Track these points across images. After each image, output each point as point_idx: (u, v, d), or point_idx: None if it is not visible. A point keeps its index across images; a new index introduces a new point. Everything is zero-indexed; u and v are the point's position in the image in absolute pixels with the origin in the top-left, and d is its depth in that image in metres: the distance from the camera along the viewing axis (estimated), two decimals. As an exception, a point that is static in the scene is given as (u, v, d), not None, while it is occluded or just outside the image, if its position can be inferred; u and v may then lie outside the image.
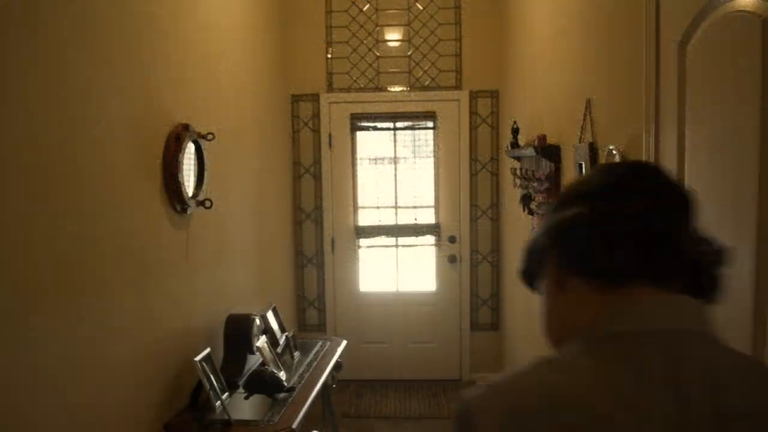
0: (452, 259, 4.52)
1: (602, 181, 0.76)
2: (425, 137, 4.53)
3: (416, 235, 4.57)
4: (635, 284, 0.70)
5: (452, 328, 4.62)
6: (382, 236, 4.61)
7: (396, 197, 4.57)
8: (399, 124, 4.50)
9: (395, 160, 4.53)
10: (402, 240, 4.62)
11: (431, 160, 4.52)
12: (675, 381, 0.65)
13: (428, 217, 4.57)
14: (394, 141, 4.51)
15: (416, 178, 4.56)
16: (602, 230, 0.71)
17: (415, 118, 4.48)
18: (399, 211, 4.59)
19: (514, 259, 3.94)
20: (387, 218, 4.60)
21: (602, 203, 0.72)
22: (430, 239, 4.56)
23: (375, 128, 4.55)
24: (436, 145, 4.49)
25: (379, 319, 4.66)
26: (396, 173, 4.54)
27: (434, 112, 4.44)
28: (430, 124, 4.48)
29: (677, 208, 0.73)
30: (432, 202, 4.54)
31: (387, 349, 4.68)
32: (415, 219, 4.55)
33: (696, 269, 0.71)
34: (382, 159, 4.58)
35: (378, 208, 4.61)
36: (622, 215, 0.70)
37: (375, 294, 4.67)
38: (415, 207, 4.57)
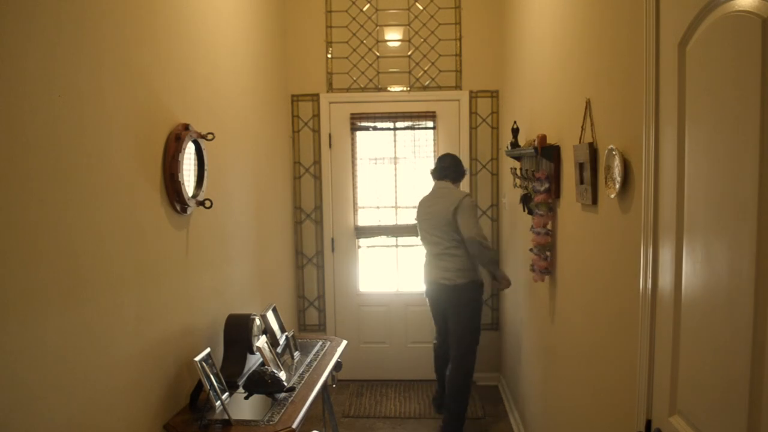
0: None
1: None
2: (425, 137, 4.53)
3: (416, 235, 4.56)
4: (438, 180, 3.75)
5: None
6: (382, 236, 4.61)
7: (396, 197, 4.58)
8: (399, 124, 4.50)
9: (395, 160, 4.54)
10: (402, 240, 4.63)
11: (431, 160, 4.51)
12: (432, 196, 3.73)
13: None
14: (395, 141, 4.52)
15: (416, 178, 4.56)
16: (434, 168, 3.83)
17: (415, 118, 4.49)
18: (399, 211, 4.59)
19: (514, 259, 3.93)
20: (387, 218, 4.60)
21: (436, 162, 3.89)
22: None
23: (375, 128, 4.55)
24: (436, 145, 4.49)
25: (379, 320, 4.67)
26: (396, 173, 4.55)
27: (434, 112, 4.44)
28: (430, 124, 4.49)
29: (448, 161, 3.77)
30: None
31: (387, 350, 4.69)
32: (416, 219, 4.54)
33: (439, 174, 3.78)
34: (382, 159, 4.57)
35: (378, 208, 4.61)
36: (436, 164, 3.82)
37: (375, 294, 4.69)
38: (415, 207, 4.56)
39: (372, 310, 4.67)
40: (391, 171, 4.55)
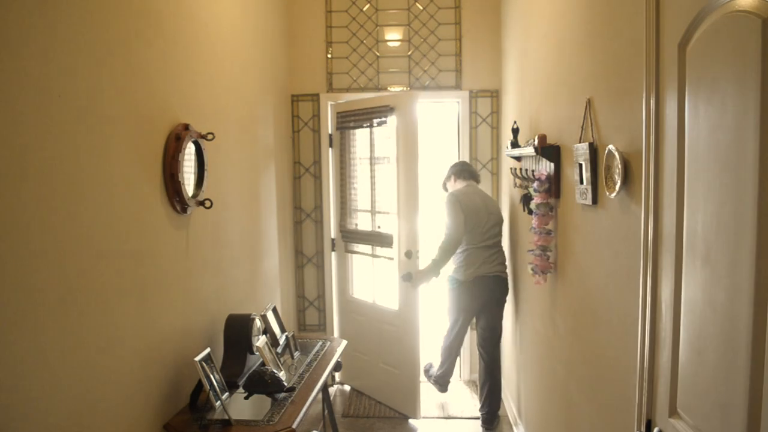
0: (407, 278, 3.84)
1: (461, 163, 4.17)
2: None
3: (382, 246, 4.16)
4: (471, 180, 4.00)
5: (410, 360, 4.00)
6: (360, 243, 4.34)
7: (372, 201, 4.28)
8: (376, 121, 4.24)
9: (372, 160, 4.26)
10: (380, 251, 4.23)
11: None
12: (479, 195, 3.92)
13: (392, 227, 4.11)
14: (371, 139, 4.40)
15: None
16: (465, 169, 4.04)
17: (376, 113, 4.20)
18: (377, 216, 4.28)
19: (514, 258, 3.93)
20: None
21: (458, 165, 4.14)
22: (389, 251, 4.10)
23: (358, 127, 4.27)
24: (397, 140, 4.38)
25: (362, 329, 4.36)
26: (373, 174, 4.23)
27: (392, 108, 4.38)
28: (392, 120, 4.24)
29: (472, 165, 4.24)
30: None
31: (367, 361, 4.37)
32: (378, 227, 4.18)
33: (472, 175, 4.06)
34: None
35: (368, 212, 4.50)
36: (467, 166, 4.08)
37: (360, 302, 4.44)
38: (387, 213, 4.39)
39: (356, 319, 4.42)
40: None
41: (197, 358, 2.22)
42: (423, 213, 4.07)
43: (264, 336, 2.73)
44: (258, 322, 2.69)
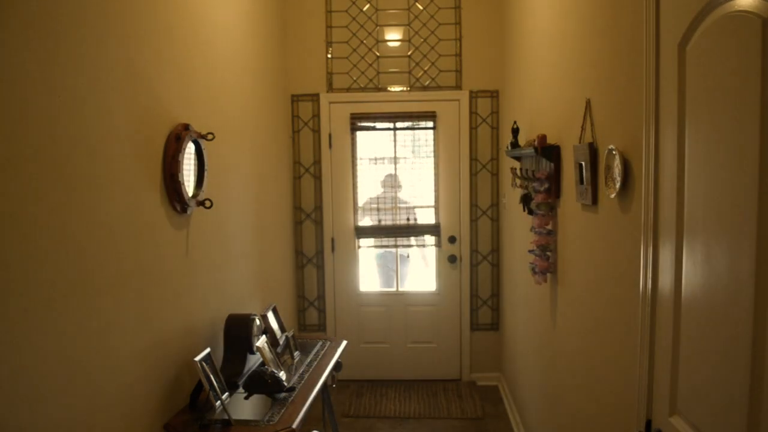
0: (452, 259, 4.56)
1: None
2: (425, 137, 4.53)
3: (415, 236, 4.60)
4: None
5: (452, 328, 4.65)
6: (382, 237, 4.62)
7: (395, 197, 4.57)
8: (399, 124, 4.49)
9: (395, 160, 4.53)
10: (402, 240, 4.64)
11: (431, 160, 4.52)
12: None
13: (428, 218, 4.58)
14: (394, 141, 4.51)
15: (416, 178, 4.56)
16: None
17: (415, 118, 4.48)
18: (399, 211, 4.59)
19: (514, 259, 3.93)
20: (387, 218, 4.60)
21: None
22: (430, 239, 4.61)
23: (375, 128, 4.53)
24: (436, 145, 4.49)
25: (379, 320, 4.67)
26: (396, 173, 4.55)
27: (434, 112, 4.44)
28: (430, 124, 4.48)
29: None
30: (432, 202, 4.55)
31: (387, 349, 4.70)
32: (416, 219, 4.60)
33: None
34: (382, 159, 4.57)
35: (378, 209, 4.59)
36: None
37: (375, 294, 4.70)
38: (414, 207, 4.58)
39: (372, 310, 4.67)
40: (391, 171, 4.55)
41: (197, 358, 2.22)
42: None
43: (264, 336, 2.73)
44: (258, 322, 2.69)
